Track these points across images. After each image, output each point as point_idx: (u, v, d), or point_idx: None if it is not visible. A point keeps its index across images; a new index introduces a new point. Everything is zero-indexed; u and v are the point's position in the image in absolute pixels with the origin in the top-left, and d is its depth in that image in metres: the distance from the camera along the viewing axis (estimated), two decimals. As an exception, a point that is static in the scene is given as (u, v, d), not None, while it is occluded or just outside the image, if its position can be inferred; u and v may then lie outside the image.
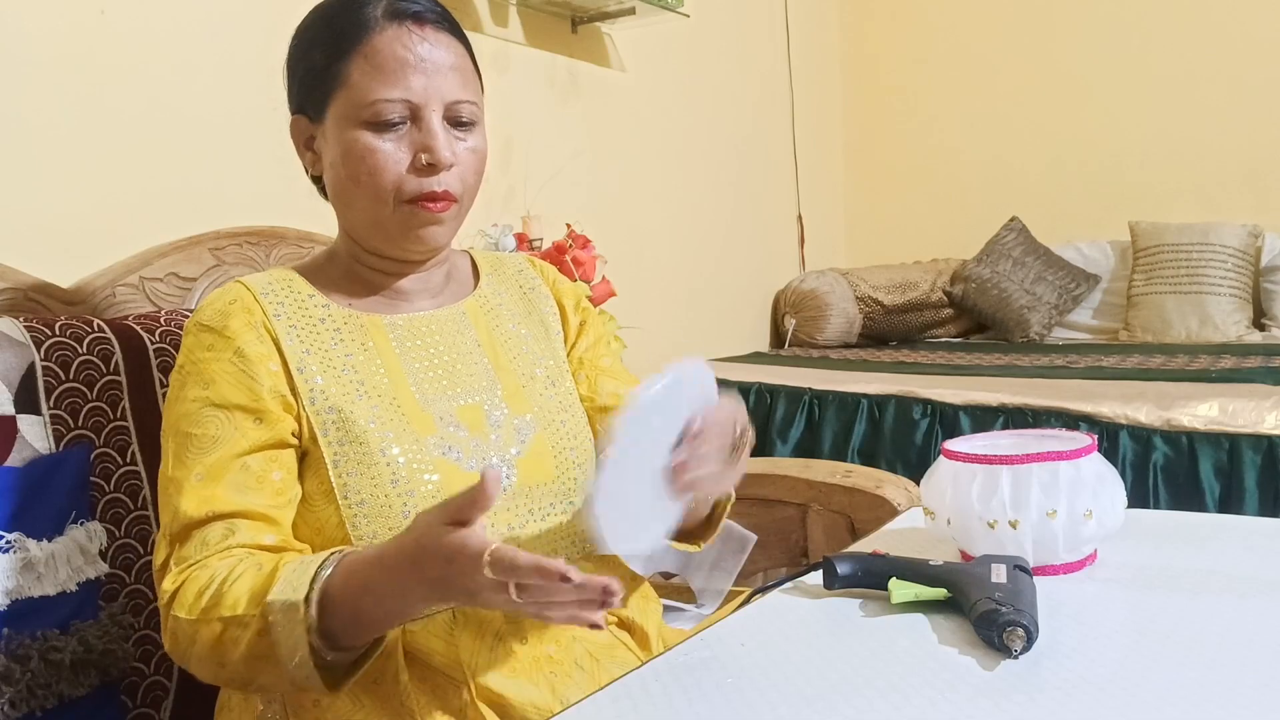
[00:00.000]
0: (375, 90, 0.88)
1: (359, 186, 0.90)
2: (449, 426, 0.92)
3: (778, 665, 0.75)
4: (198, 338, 0.90)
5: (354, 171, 0.90)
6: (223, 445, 0.85)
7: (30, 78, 1.48)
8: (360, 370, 0.91)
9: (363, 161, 0.89)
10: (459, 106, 0.92)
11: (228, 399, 0.86)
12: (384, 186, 0.89)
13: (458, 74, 0.92)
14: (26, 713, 0.92)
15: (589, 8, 2.58)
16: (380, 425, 0.88)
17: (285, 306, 0.92)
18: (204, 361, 0.88)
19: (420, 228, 0.92)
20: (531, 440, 0.96)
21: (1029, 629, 0.72)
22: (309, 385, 0.89)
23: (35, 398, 1.00)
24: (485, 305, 1.03)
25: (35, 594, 0.94)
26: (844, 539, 1.55)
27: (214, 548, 0.82)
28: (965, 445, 0.97)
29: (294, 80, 0.96)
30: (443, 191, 0.90)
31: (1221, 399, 2.12)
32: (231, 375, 0.87)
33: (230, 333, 0.88)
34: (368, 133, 0.89)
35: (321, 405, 0.88)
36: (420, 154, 0.89)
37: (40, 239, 1.44)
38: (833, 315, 3.35)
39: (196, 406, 0.86)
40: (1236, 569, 0.89)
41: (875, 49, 4.02)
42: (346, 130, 0.90)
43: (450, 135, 0.91)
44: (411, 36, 0.90)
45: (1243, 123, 3.32)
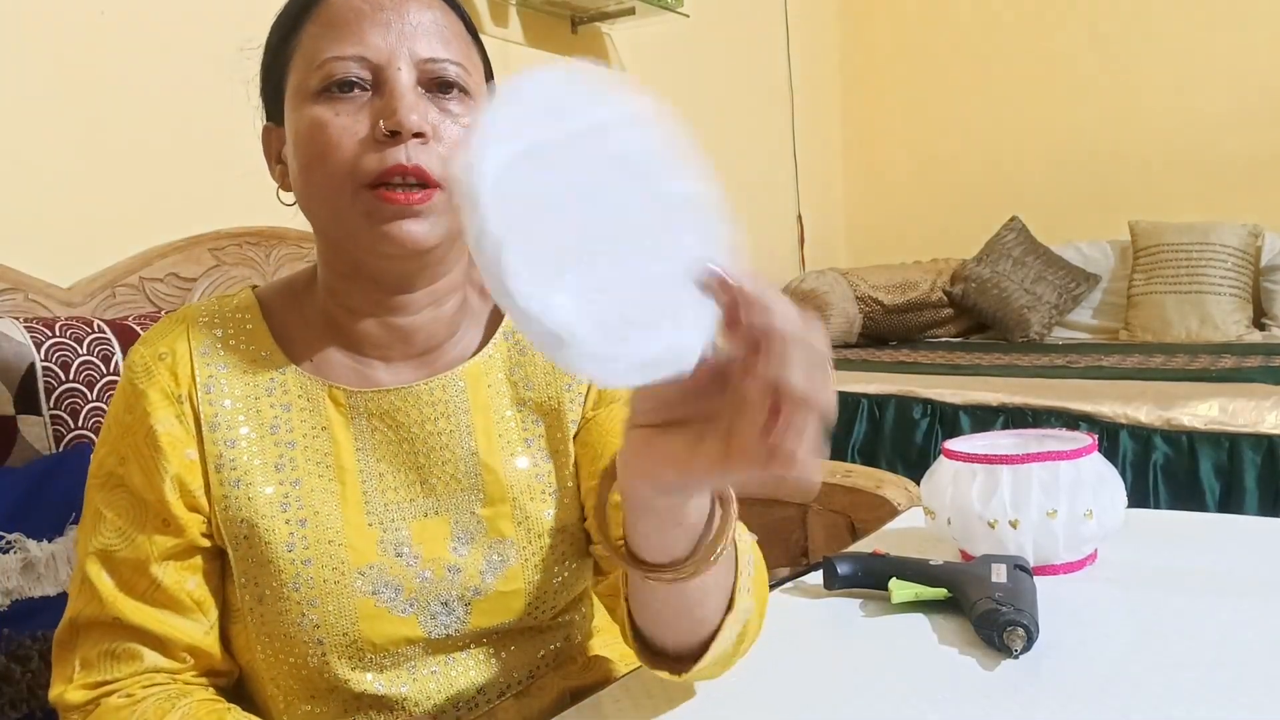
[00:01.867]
0: (324, 49, 0.70)
1: (312, 175, 0.70)
2: (394, 553, 0.73)
3: (778, 665, 0.75)
4: (124, 385, 0.75)
5: (304, 157, 0.70)
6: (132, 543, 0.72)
7: (30, 78, 1.48)
8: (300, 465, 0.73)
9: (312, 140, 0.69)
10: (439, 66, 0.71)
11: (136, 488, 0.72)
12: (338, 168, 0.68)
13: (434, 29, 0.72)
14: (27, 713, 0.92)
15: (589, 8, 2.58)
16: (299, 551, 0.72)
17: (228, 370, 0.74)
18: (124, 427, 0.73)
19: (386, 222, 0.68)
20: (502, 575, 0.75)
21: (1029, 629, 0.72)
22: (225, 488, 0.72)
23: (35, 398, 1.00)
24: (493, 369, 0.79)
25: (35, 594, 0.94)
26: (844, 539, 1.55)
27: (124, 667, 0.71)
28: (965, 445, 0.97)
29: (262, 81, 0.79)
30: (413, 166, 0.67)
31: (1221, 398, 2.12)
32: (140, 463, 0.72)
33: (148, 404, 0.72)
34: (318, 105, 0.69)
35: (235, 514, 0.72)
36: (380, 120, 0.68)
37: (40, 239, 1.44)
38: (833, 315, 3.35)
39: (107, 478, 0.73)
40: (1236, 569, 0.89)
41: (875, 49, 4.02)
42: (298, 110, 0.71)
43: (424, 102, 0.70)
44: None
45: (1243, 123, 3.32)
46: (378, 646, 0.73)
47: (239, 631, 0.75)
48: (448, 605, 0.74)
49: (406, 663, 0.75)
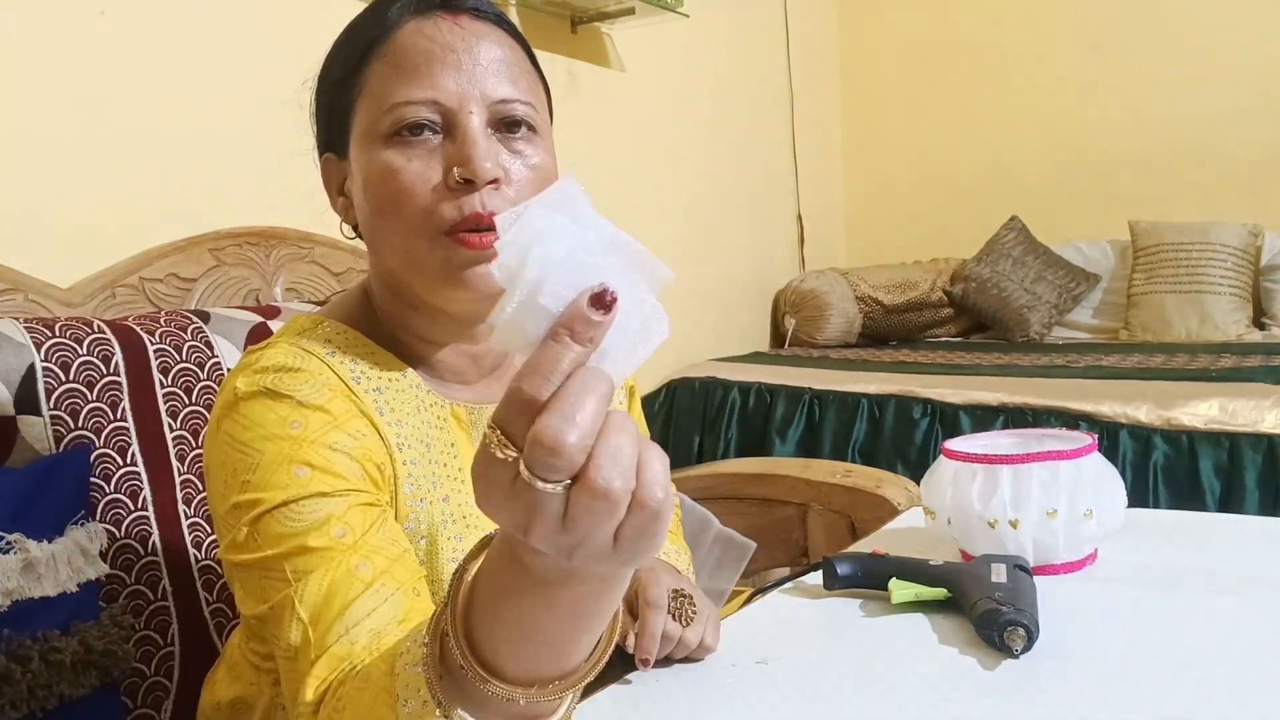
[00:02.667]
0: (395, 92, 0.69)
1: (385, 219, 0.71)
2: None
3: (778, 665, 0.75)
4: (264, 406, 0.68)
5: (377, 202, 0.70)
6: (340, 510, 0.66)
7: (30, 78, 1.48)
8: (447, 483, 0.74)
9: (385, 185, 0.69)
10: (508, 107, 0.71)
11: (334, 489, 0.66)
12: (413, 214, 0.69)
13: (504, 68, 0.72)
14: (27, 713, 0.92)
15: (588, 8, 2.57)
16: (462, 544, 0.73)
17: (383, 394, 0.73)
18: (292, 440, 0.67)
19: (463, 268, 0.69)
20: None
21: (1029, 628, 0.72)
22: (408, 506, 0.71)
23: (35, 399, 1.00)
24: None
25: (36, 595, 0.94)
26: (844, 539, 1.55)
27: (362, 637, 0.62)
28: (965, 445, 0.98)
29: (319, 111, 0.79)
30: (489, 215, 0.67)
31: (1221, 398, 2.12)
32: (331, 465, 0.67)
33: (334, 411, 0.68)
34: (389, 149, 0.70)
35: (415, 530, 0.72)
36: (454, 168, 0.68)
37: (40, 239, 1.44)
38: (833, 315, 3.35)
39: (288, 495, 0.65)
40: (1237, 568, 0.89)
41: (875, 49, 4.02)
42: (367, 151, 0.71)
43: (496, 145, 0.71)
44: (439, 26, 0.71)
45: (1243, 122, 3.32)
46: None
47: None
48: None
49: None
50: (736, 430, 2.71)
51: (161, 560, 1.08)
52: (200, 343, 1.16)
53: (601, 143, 2.74)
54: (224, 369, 1.17)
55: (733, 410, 2.72)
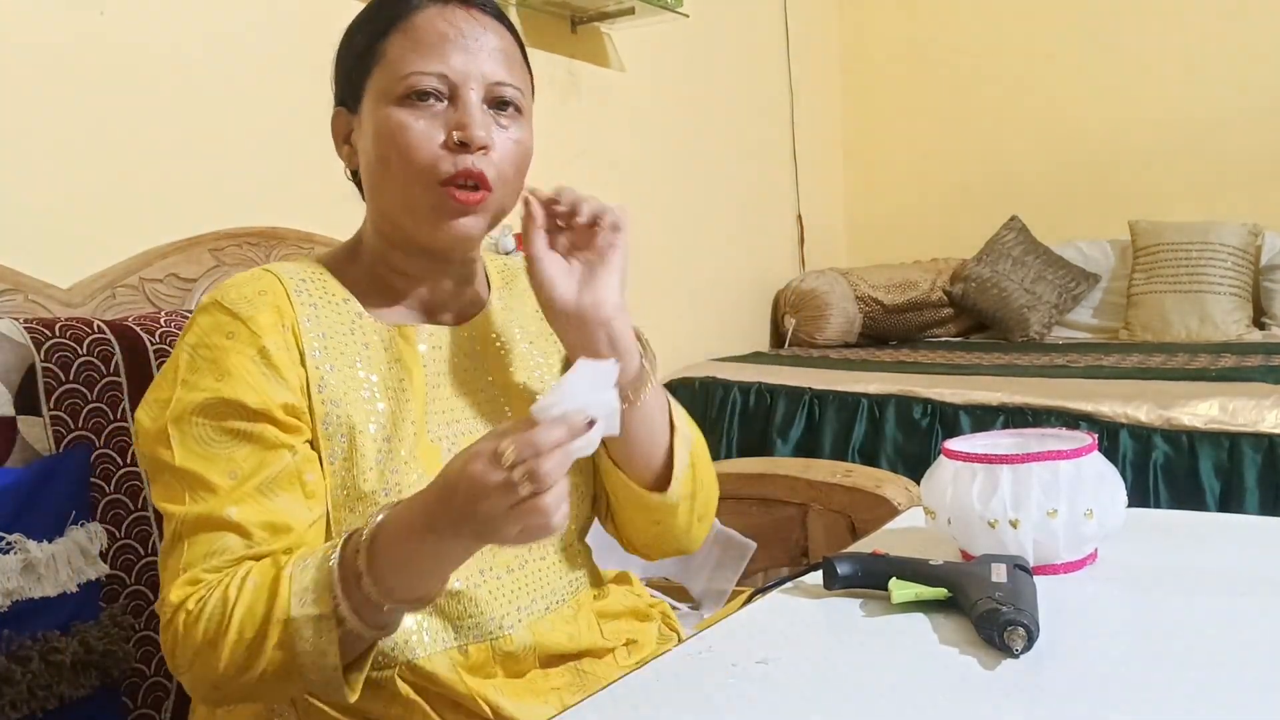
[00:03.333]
0: (411, 63, 0.84)
1: (390, 167, 0.85)
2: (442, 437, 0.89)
3: (778, 665, 0.75)
4: (216, 319, 0.83)
5: (385, 151, 0.85)
6: (239, 450, 0.80)
7: (30, 78, 1.48)
8: (381, 393, 0.86)
9: (394, 139, 0.84)
10: (502, 88, 0.87)
11: (244, 399, 0.80)
12: (416, 165, 0.84)
13: (500, 56, 0.88)
14: (27, 714, 0.92)
15: (588, 8, 2.58)
16: (386, 461, 0.84)
17: (317, 310, 0.86)
18: (222, 349, 0.81)
19: (451, 217, 0.86)
20: None
21: (1030, 628, 0.72)
22: (325, 406, 0.83)
23: (35, 399, 1.00)
24: (499, 321, 0.98)
25: (36, 595, 0.94)
26: (844, 539, 1.55)
27: (223, 557, 0.77)
28: (966, 445, 0.97)
29: (338, 72, 0.92)
30: (478, 172, 0.84)
31: (1222, 398, 2.12)
32: (252, 375, 0.81)
33: (256, 327, 0.82)
34: (401, 109, 0.84)
35: (335, 429, 0.83)
36: (454, 131, 0.84)
37: (40, 240, 1.44)
38: (833, 315, 3.35)
39: (208, 398, 0.80)
40: (1237, 568, 0.89)
41: (875, 49, 4.02)
42: (380, 110, 0.85)
43: (489, 118, 0.86)
44: (455, 14, 0.87)
45: (1243, 122, 3.32)
46: None
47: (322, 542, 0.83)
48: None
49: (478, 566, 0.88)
50: (736, 430, 2.71)
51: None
52: (200, 343, 1.16)
53: (601, 143, 2.74)
54: (224, 369, 1.17)
55: (733, 410, 2.72)
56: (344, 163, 0.94)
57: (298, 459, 0.81)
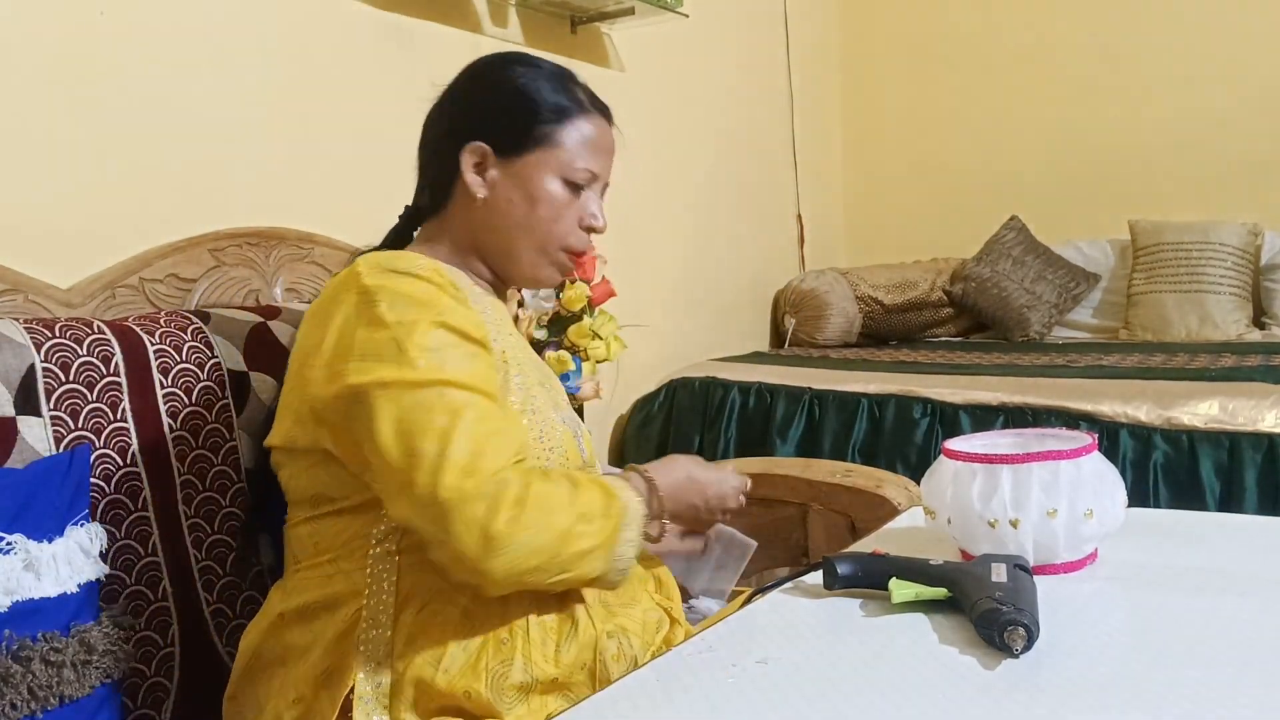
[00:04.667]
0: (585, 160, 1.07)
1: (539, 224, 1.06)
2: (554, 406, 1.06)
3: (778, 665, 0.75)
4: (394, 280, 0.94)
5: (540, 212, 1.06)
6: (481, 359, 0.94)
7: (30, 78, 1.48)
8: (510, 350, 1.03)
9: (553, 207, 1.06)
10: (607, 187, 1.13)
11: (464, 328, 0.93)
12: (559, 232, 1.07)
13: (613, 160, 1.13)
14: (28, 714, 0.92)
15: (588, 8, 2.57)
16: (524, 394, 1.01)
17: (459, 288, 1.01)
18: (427, 298, 0.93)
19: (561, 273, 1.11)
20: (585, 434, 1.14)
21: (1030, 628, 0.72)
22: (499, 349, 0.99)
23: (35, 399, 1.00)
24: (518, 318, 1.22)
25: (36, 595, 0.94)
26: (844, 539, 1.55)
27: (515, 444, 0.91)
28: (965, 444, 0.98)
29: (487, 117, 1.08)
30: (588, 249, 1.11)
31: (1221, 397, 2.12)
32: (464, 314, 0.95)
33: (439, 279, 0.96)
34: (564, 188, 1.06)
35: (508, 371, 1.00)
36: (587, 217, 1.09)
37: (40, 240, 1.44)
38: (833, 315, 3.35)
39: (437, 321, 0.92)
40: (1237, 568, 0.89)
41: (875, 49, 4.02)
42: (546, 179, 1.06)
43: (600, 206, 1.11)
44: (608, 128, 1.11)
45: (1243, 122, 3.32)
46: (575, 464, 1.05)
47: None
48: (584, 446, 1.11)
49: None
50: (736, 430, 2.71)
51: (161, 560, 1.08)
52: (200, 343, 1.16)
53: (601, 143, 2.74)
54: (224, 369, 1.17)
55: (733, 410, 2.72)
56: (472, 187, 1.06)
57: (505, 379, 0.99)
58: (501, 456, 0.87)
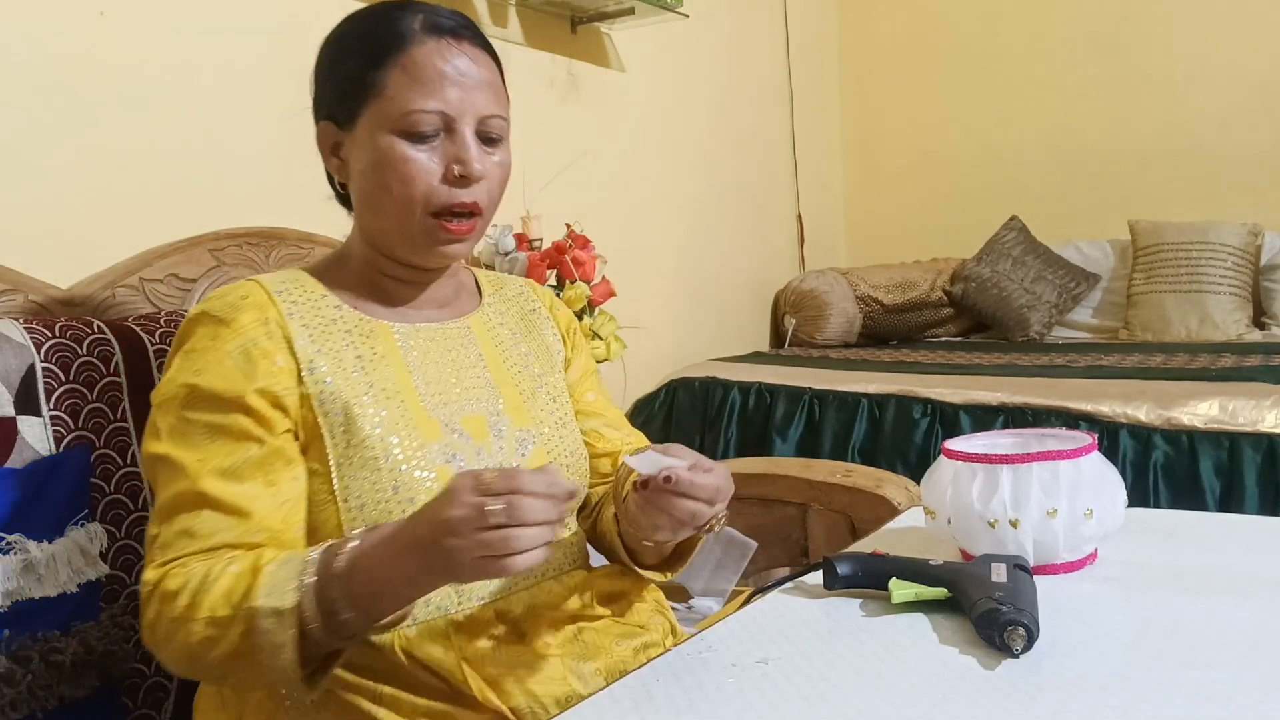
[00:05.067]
0: (412, 101, 0.89)
1: (389, 194, 0.91)
2: (453, 433, 0.92)
3: (778, 665, 0.75)
4: (204, 325, 0.89)
5: (385, 179, 0.91)
6: (213, 437, 0.84)
7: (30, 79, 1.48)
8: (369, 373, 0.91)
9: (395, 169, 0.90)
10: (490, 121, 0.93)
11: (215, 389, 0.85)
12: (414, 195, 0.91)
13: (490, 89, 0.94)
14: (28, 714, 0.92)
15: (588, 8, 2.57)
16: (385, 429, 0.88)
17: (298, 305, 0.92)
18: (204, 350, 0.87)
19: (441, 245, 0.94)
20: (532, 453, 0.97)
21: (1030, 628, 0.72)
22: (319, 385, 0.88)
23: (35, 399, 1.00)
24: (488, 322, 1.05)
25: (36, 595, 0.94)
26: (844, 539, 1.55)
27: (197, 543, 0.81)
28: (965, 444, 0.98)
29: (324, 87, 0.96)
30: (471, 203, 0.92)
31: (1221, 397, 2.12)
32: (225, 368, 0.86)
33: (239, 326, 0.88)
34: (402, 142, 0.90)
35: (331, 406, 0.88)
36: (453, 165, 0.91)
37: (40, 241, 1.44)
38: (832, 315, 3.35)
39: (185, 391, 0.85)
40: (1237, 568, 0.89)
41: (875, 49, 4.02)
42: (380, 138, 0.90)
43: (480, 149, 0.93)
44: (450, 50, 0.91)
45: (1243, 122, 3.32)
46: None
47: (329, 516, 0.87)
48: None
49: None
50: (736, 430, 2.71)
51: (162, 560, 1.08)
52: (200, 343, 1.16)
53: (601, 143, 2.74)
54: (224, 369, 1.17)
55: (733, 410, 2.72)
56: (333, 174, 0.98)
57: (264, 450, 0.85)
58: (174, 551, 0.81)
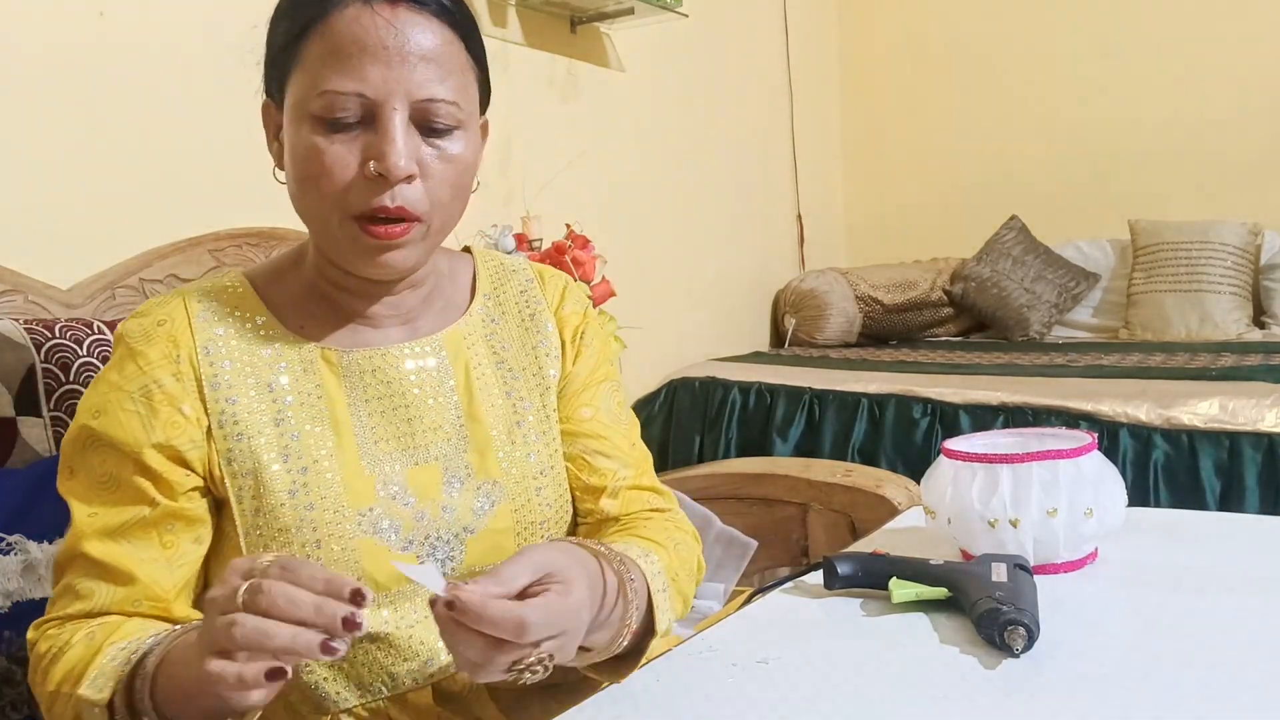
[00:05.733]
0: (325, 78, 0.73)
1: (305, 192, 0.76)
2: (391, 495, 0.79)
3: (778, 665, 0.75)
4: (117, 350, 0.79)
5: (300, 173, 0.75)
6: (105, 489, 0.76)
7: (29, 79, 1.48)
8: (297, 421, 0.78)
9: (308, 163, 0.74)
10: (432, 106, 0.74)
11: (114, 438, 0.75)
12: (328, 195, 0.74)
13: (433, 66, 0.74)
14: (28, 715, 0.92)
15: (588, 8, 2.57)
16: (300, 496, 0.76)
17: (223, 335, 0.79)
18: (109, 384, 0.77)
19: (374, 254, 0.76)
20: (492, 514, 0.83)
21: (1030, 628, 0.72)
22: (228, 442, 0.77)
23: (35, 400, 1.00)
24: (472, 334, 0.87)
25: (36, 596, 0.94)
26: (844, 538, 1.55)
27: (78, 604, 0.74)
28: (965, 444, 0.97)
29: (266, 64, 0.81)
30: (396, 208, 0.73)
31: (1221, 397, 2.12)
32: (125, 414, 0.75)
33: (145, 363, 0.76)
34: (315, 131, 0.74)
35: (240, 466, 0.77)
36: (369, 161, 0.73)
37: (40, 241, 1.44)
38: (833, 315, 3.35)
39: (86, 432, 0.76)
40: (1237, 567, 0.89)
41: (875, 49, 4.02)
42: (296, 123, 0.75)
43: (415, 140, 0.75)
44: (375, 18, 0.73)
45: (1242, 121, 3.32)
46: (381, 585, 0.78)
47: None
48: (445, 542, 0.81)
49: (409, 601, 0.80)
50: (737, 430, 2.71)
51: (162, 561, 1.08)
52: (200, 343, 1.16)
53: (601, 143, 2.74)
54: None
55: (733, 410, 2.72)
56: (274, 159, 0.82)
57: (156, 512, 0.75)
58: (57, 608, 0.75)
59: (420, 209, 0.75)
